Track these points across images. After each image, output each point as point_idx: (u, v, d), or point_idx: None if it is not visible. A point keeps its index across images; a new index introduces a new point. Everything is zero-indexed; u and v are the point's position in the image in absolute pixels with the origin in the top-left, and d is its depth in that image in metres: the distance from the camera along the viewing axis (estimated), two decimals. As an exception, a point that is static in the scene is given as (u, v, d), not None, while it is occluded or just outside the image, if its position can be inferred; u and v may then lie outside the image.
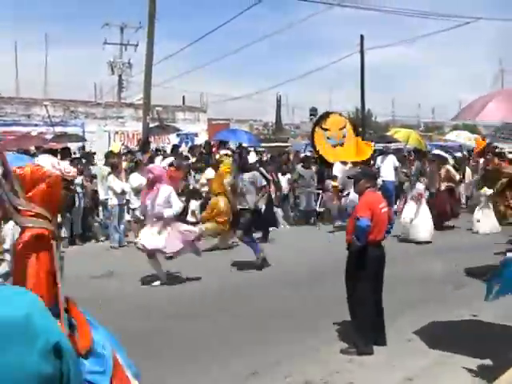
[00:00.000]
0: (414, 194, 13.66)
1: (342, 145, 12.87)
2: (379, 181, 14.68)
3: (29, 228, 2.85)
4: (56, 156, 15.41)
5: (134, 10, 41.53)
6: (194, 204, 14.22)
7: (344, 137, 13.12)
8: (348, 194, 13.04)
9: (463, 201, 19.39)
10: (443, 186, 15.55)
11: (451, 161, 17.28)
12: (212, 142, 19.57)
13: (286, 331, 7.06)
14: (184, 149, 20.07)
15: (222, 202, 12.34)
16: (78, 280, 8.43)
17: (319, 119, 14.80)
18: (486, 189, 13.72)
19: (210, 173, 14.46)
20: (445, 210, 15.19)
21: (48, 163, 3.34)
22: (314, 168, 17.07)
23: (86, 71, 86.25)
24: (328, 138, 13.78)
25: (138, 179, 13.03)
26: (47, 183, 2.97)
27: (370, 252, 6.43)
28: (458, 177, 16.56)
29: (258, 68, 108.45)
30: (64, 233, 12.28)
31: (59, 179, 3.11)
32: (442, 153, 17.12)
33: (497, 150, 18.18)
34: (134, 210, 13.63)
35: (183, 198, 14.04)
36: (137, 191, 12.93)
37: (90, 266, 9.19)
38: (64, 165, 3.68)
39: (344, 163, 14.65)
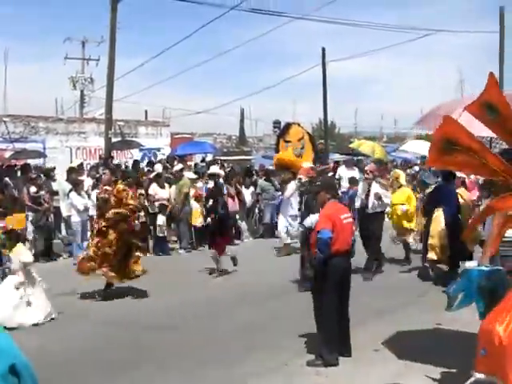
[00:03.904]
0: None
1: (300, 156, 12.88)
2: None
3: None
4: (16, 173, 15.16)
5: (96, 24, 41.38)
6: (161, 219, 14.07)
7: (302, 148, 13.14)
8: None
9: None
10: None
11: None
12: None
13: (250, 348, 7.00)
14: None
15: None
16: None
17: (281, 132, 14.85)
18: None
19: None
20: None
21: None
22: (276, 181, 17.00)
23: (48, 86, 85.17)
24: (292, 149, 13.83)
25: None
26: None
27: (334, 263, 6.36)
28: None
29: (221, 81, 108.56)
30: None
31: None
32: None
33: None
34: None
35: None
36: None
37: (53, 284, 9.06)
38: None
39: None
